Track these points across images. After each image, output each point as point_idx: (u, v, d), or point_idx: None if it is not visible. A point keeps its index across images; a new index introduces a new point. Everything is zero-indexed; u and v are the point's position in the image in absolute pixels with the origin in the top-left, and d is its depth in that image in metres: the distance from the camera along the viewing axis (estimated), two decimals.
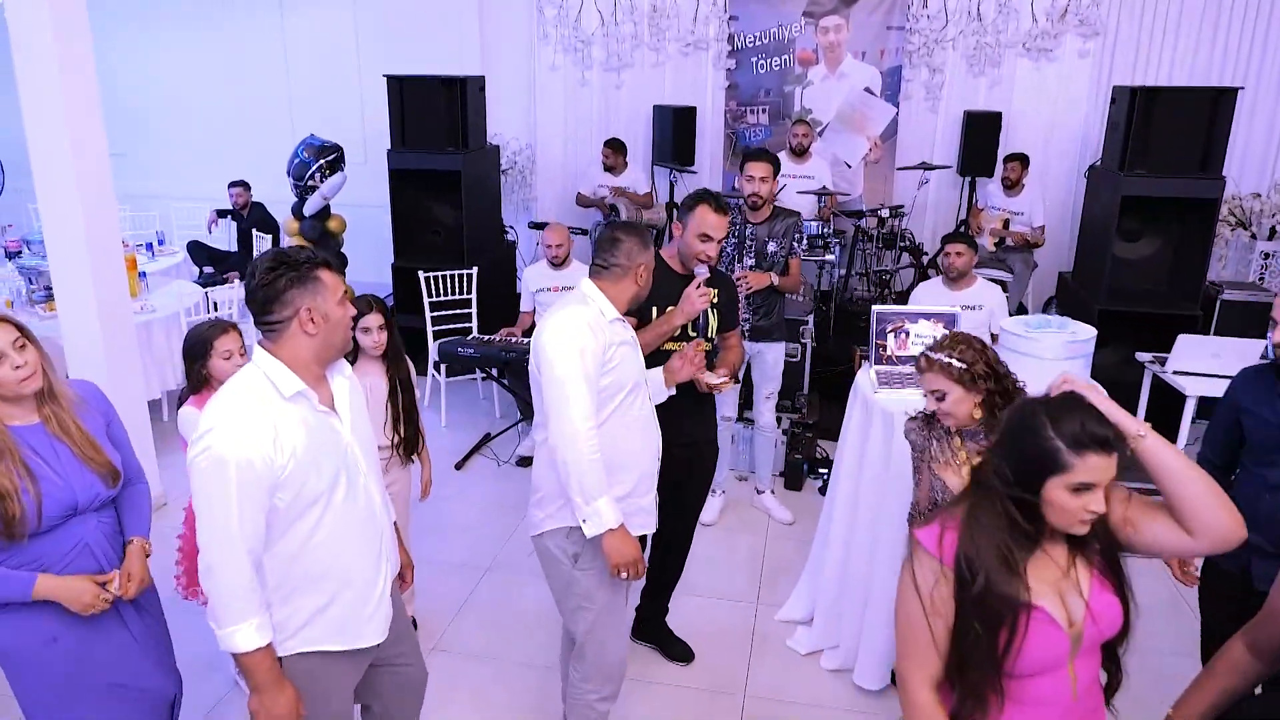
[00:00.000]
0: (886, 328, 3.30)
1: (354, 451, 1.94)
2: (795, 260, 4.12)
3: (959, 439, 2.36)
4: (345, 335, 1.90)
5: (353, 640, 1.98)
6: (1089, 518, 1.50)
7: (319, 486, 1.83)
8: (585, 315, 2.35)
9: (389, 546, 2.06)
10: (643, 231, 2.50)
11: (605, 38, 7.29)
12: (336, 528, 1.89)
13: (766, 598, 3.79)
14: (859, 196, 7.12)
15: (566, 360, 2.28)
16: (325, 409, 1.89)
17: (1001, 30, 6.72)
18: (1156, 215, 5.49)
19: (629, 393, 2.41)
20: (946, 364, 2.26)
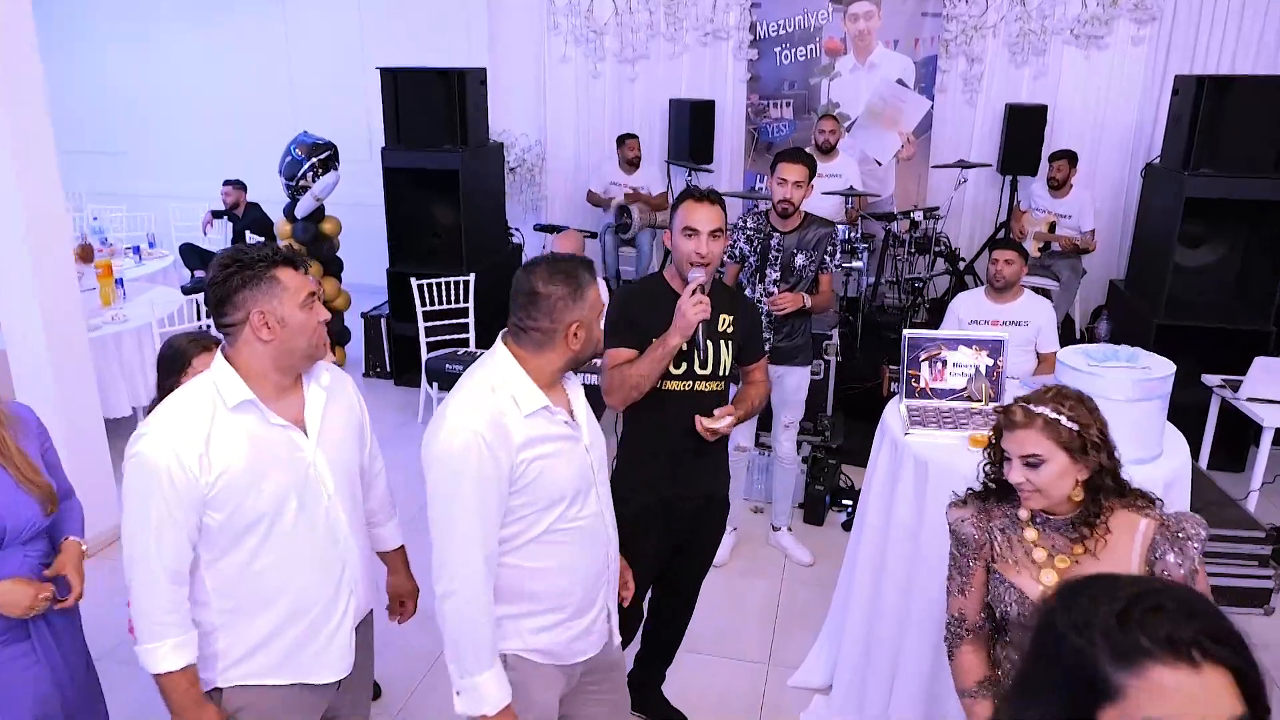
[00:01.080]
0: (920, 355, 2.83)
1: (318, 470, 1.79)
2: (827, 276, 3.66)
3: (1034, 530, 1.75)
4: (311, 341, 1.75)
5: (302, 674, 1.83)
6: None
7: (259, 508, 1.71)
8: (483, 414, 1.70)
9: (354, 576, 1.88)
10: (575, 273, 1.79)
11: (619, 27, 6.85)
12: (285, 552, 1.76)
13: (780, 656, 3.34)
14: (890, 197, 6.61)
15: (449, 485, 1.70)
16: (283, 423, 1.75)
17: (1047, 16, 6.18)
18: (1224, 219, 4.95)
19: (568, 504, 1.82)
20: (1054, 420, 1.65)
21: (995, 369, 2.78)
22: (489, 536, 1.73)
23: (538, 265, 1.81)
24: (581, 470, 1.85)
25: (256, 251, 1.70)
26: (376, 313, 6.09)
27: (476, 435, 1.68)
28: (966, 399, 2.79)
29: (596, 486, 1.90)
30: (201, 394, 1.71)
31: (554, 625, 1.87)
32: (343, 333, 6.43)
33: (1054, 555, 1.74)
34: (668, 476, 2.47)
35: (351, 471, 1.89)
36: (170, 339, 2.39)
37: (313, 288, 1.74)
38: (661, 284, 2.54)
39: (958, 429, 2.64)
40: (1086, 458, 1.65)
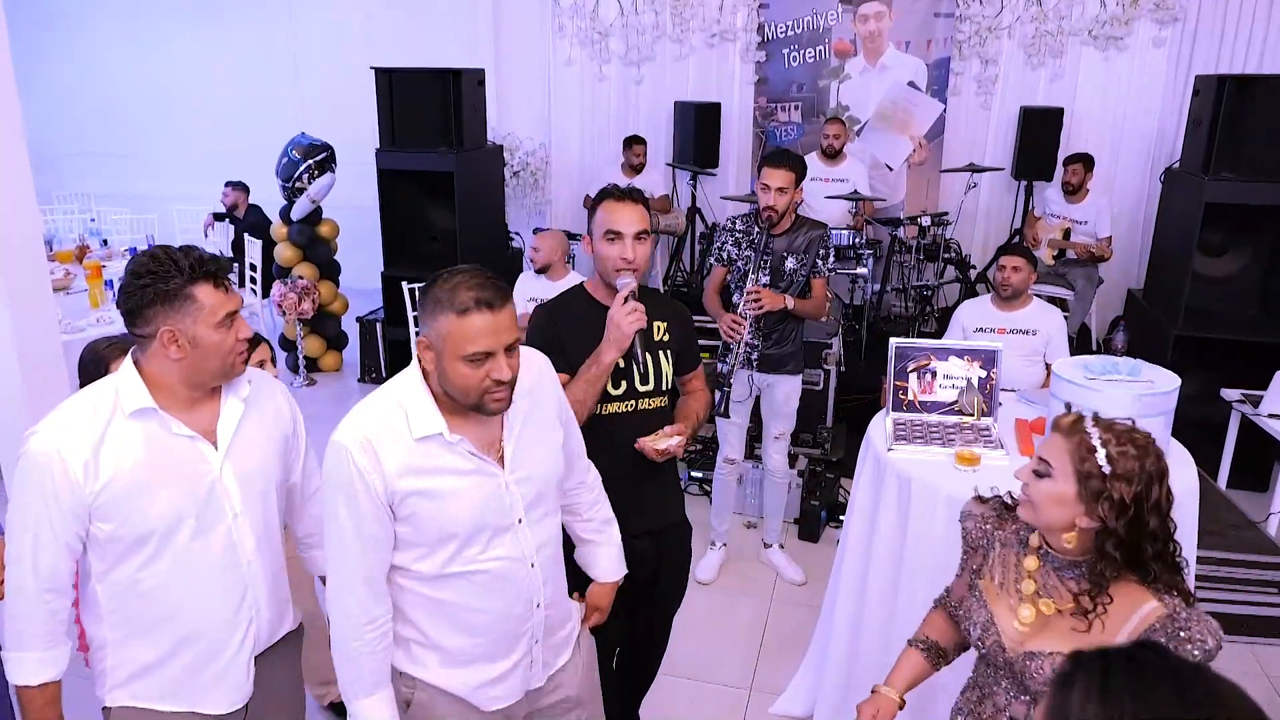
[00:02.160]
0: (908, 366, 2.66)
1: (224, 486, 1.69)
2: (819, 281, 3.47)
3: (1036, 559, 1.55)
4: (225, 361, 1.65)
5: (190, 703, 1.73)
6: None
7: (149, 522, 1.62)
8: (360, 432, 1.56)
9: (257, 602, 1.76)
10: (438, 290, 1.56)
11: (624, 29, 6.73)
12: (178, 573, 1.66)
13: (764, 681, 3.16)
14: (900, 202, 6.43)
15: (329, 501, 1.60)
16: (189, 433, 1.66)
17: (1065, 16, 5.98)
18: (1246, 226, 4.72)
19: (463, 544, 1.62)
20: (1092, 447, 1.42)
21: (988, 381, 2.60)
22: (367, 558, 1.59)
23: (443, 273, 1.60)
24: (491, 508, 1.63)
25: (174, 264, 1.58)
26: (372, 317, 6.00)
27: (346, 452, 1.54)
28: (957, 413, 2.61)
29: (519, 528, 1.68)
30: (101, 398, 1.63)
31: (458, 665, 1.70)
32: (339, 337, 6.35)
33: (1042, 596, 1.53)
34: (619, 513, 2.09)
35: (267, 489, 1.77)
36: (90, 343, 2.26)
37: (232, 306, 1.64)
38: (583, 296, 2.27)
39: (945, 445, 2.47)
40: (1095, 502, 1.42)
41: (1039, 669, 1.48)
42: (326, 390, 5.97)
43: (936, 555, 2.32)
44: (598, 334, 2.12)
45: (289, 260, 5.96)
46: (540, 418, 1.75)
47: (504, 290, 1.56)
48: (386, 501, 1.56)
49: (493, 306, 1.53)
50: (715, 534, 3.86)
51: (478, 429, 1.63)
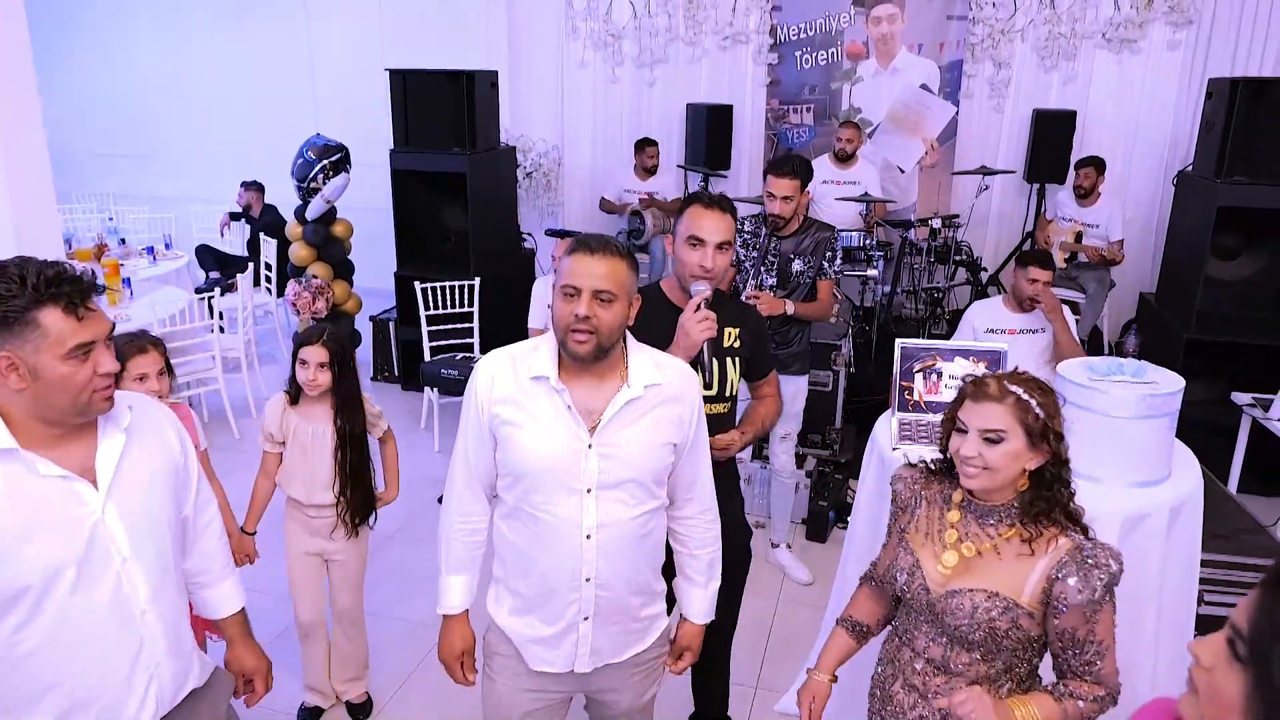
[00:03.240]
0: (914, 366, 2.67)
1: (108, 529, 1.50)
2: (825, 283, 3.49)
3: (958, 512, 1.71)
4: (75, 400, 1.44)
5: None
6: None
7: (21, 579, 1.41)
8: (503, 361, 1.81)
9: (156, 657, 1.58)
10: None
11: (637, 31, 6.76)
12: (60, 631, 1.46)
13: (769, 679, 3.19)
14: (912, 205, 6.43)
15: (465, 406, 1.86)
16: (61, 473, 1.45)
17: (1078, 19, 5.96)
18: (1260, 229, 4.70)
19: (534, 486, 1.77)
20: (1025, 401, 1.60)
21: None
22: (469, 464, 1.84)
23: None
24: (564, 463, 1.74)
25: (19, 282, 1.37)
26: (385, 317, 6.05)
27: (477, 371, 1.80)
28: None
29: (585, 497, 1.75)
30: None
31: (519, 614, 1.86)
32: (353, 337, 6.39)
33: (963, 541, 1.69)
34: None
35: (158, 528, 1.59)
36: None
37: (86, 336, 1.41)
38: (659, 295, 2.31)
39: None
40: (1042, 447, 1.62)
41: (959, 605, 1.63)
42: None
43: None
44: (668, 333, 2.15)
45: (303, 259, 6.01)
46: (656, 415, 1.79)
47: (608, 243, 1.75)
48: (488, 424, 1.78)
49: (591, 251, 1.70)
50: None
51: (584, 393, 1.75)
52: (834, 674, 1.89)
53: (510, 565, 1.85)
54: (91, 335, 1.42)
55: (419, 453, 4.74)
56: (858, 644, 1.92)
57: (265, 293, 6.49)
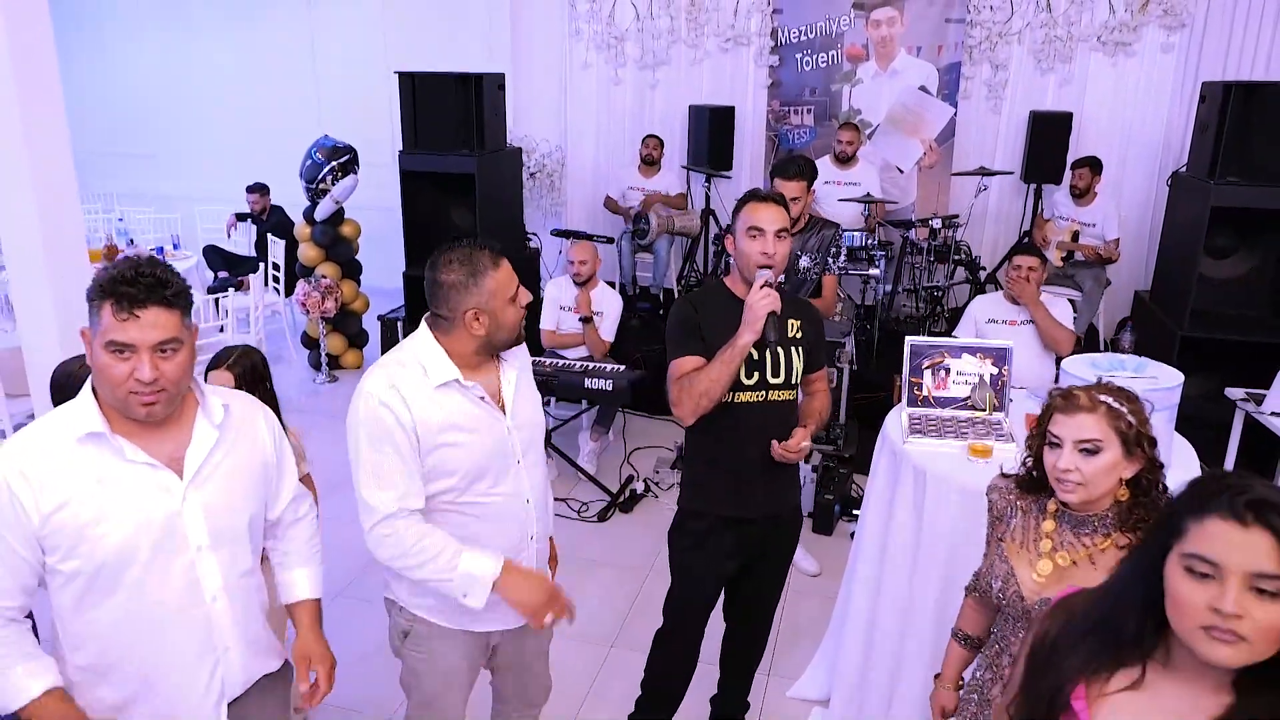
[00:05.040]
0: (923, 363, 2.77)
1: (187, 519, 1.58)
2: (830, 278, 3.60)
3: (1052, 521, 1.74)
4: (114, 392, 1.49)
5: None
6: (1214, 622, 1.02)
7: (98, 555, 1.51)
8: (383, 382, 1.81)
9: (224, 641, 1.66)
10: (472, 259, 1.83)
11: (640, 33, 6.85)
12: (130, 609, 1.55)
13: (780, 667, 3.28)
14: (911, 205, 6.53)
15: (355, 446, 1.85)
16: (147, 460, 1.54)
17: (1074, 22, 6.08)
18: (1252, 229, 4.82)
19: (474, 480, 1.90)
20: (1118, 410, 1.62)
21: (1000, 378, 2.72)
22: (406, 463, 1.82)
23: (437, 258, 1.84)
24: (498, 450, 1.90)
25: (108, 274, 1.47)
26: (393, 315, 6.13)
27: (373, 398, 1.80)
28: (969, 408, 2.73)
29: (518, 469, 1.95)
30: (55, 423, 1.54)
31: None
32: (360, 335, 6.48)
33: (1058, 550, 1.72)
34: (734, 495, 2.38)
35: (235, 523, 1.66)
36: (62, 363, 2.24)
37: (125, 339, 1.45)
38: (723, 290, 2.41)
39: (959, 438, 2.58)
40: (1137, 454, 1.63)
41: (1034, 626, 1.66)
42: (348, 387, 6.07)
43: (951, 542, 2.44)
44: (734, 324, 2.26)
45: (312, 260, 6.09)
46: (526, 378, 2.04)
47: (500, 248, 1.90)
48: (417, 449, 1.82)
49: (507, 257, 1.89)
50: None
51: (485, 379, 1.91)
52: (960, 681, 1.99)
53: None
54: (130, 339, 1.45)
55: None
56: (972, 654, 1.99)
57: (273, 293, 6.57)
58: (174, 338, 1.48)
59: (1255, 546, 1.01)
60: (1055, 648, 1.20)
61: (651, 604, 3.55)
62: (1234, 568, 1.02)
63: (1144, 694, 1.13)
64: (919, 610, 2.58)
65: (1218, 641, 1.03)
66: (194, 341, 1.56)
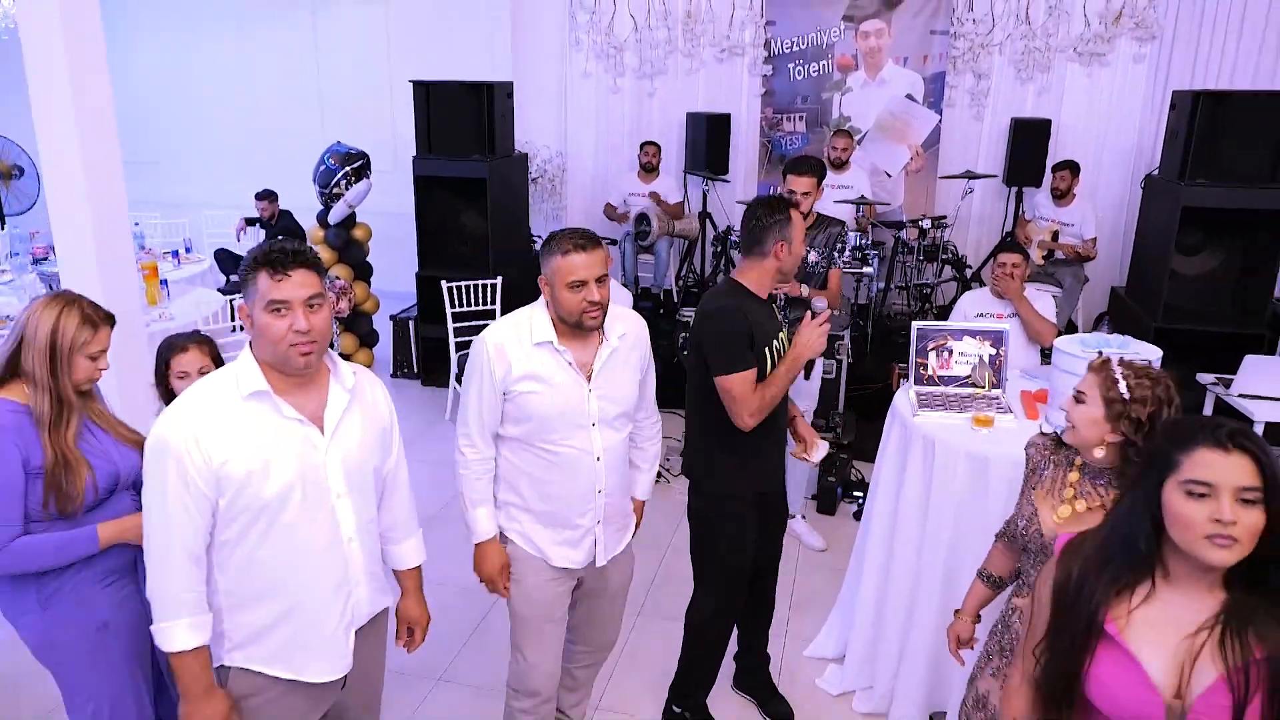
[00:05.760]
0: (928, 345, 3.06)
1: (328, 469, 1.81)
2: (835, 272, 3.89)
3: (1077, 473, 1.99)
4: (275, 348, 1.72)
5: (295, 670, 1.85)
6: (1215, 530, 1.28)
7: (262, 496, 1.73)
8: (497, 332, 2.23)
9: (356, 577, 1.90)
10: (553, 239, 2.19)
11: (638, 44, 7.13)
12: (287, 546, 1.78)
13: (796, 629, 3.55)
14: (899, 207, 6.85)
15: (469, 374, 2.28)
16: (298, 417, 1.77)
17: (1051, 34, 6.43)
18: (1219, 228, 5.17)
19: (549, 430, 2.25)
20: (1114, 379, 1.85)
21: (998, 358, 3.01)
22: (483, 411, 2.24)
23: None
24: (571, 408, 2.24)
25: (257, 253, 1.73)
26: (405, 315, 6.35)
27: (484, 343, 2.21)
28: (971, 385, 3.01)
29: (592, 431, 2.27)
30: (221, 381, 1.77)
31: (538, 523, 2.34)
32: (371, 335, 6.68)
33: (1078, 498, 1.97)
34: (765, 473, 2.74)
35: (365, 475, 1.90)
36: (167, 337, 2.46)
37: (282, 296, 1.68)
38: (745, 292, 2.60)
39: (963, 411, 2.86)
40: (1119, 424, 1.83)
41: (1040, 576, 1.86)
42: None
43: (958, 503, 2.71)
44: (771, 326, 2.60)
45: (325, 262, 6.30)
46: (626, 358, 2.34)
47: (594, 238, 2.19)
48: (500, 388, 2.22)
49: (585, 249, 2.14)
50: None
51: (578, 351, 2.24)
52: (977, 615, 2.25)
53: (525, 490, 2.32)
54: (285, 296, 1.68)
55: (442, 444, 5.05)
56: (994, 593, 2.23)
57: None
58: (319, 293, 1.72)
59: (1239, 467, 1.28)
60: (1083, 581, 1.43)
61: (672, 577, 3.84)
62: (1225, 485, 1.28)
63: (1155, 604, 1.38)
64: (928, 568, 2.85)
65: (1219, 547, 1.28)
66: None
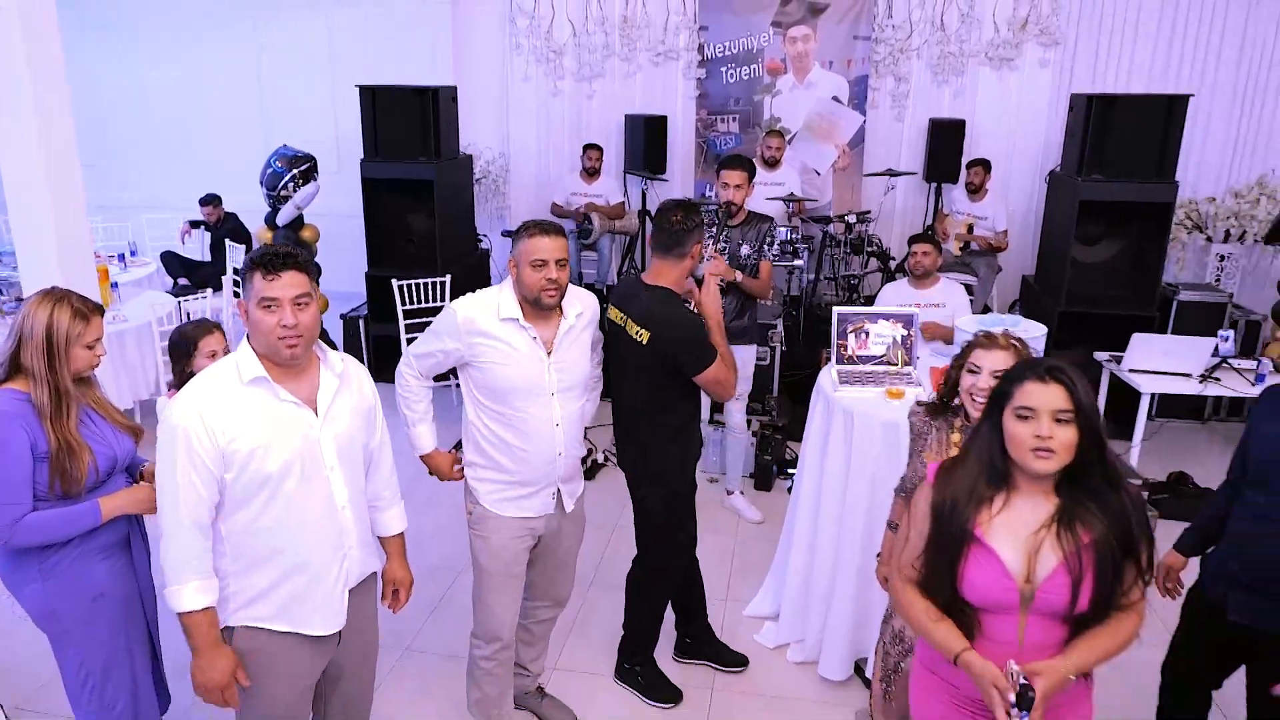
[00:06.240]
0: (848, 328, 3.39)
1: (322, 446, 2.03)
2: (765, 263, 4.20)
3: (959, 434, 2.35)
4: (266, 340, 1.93)
5: (298, 624, 2.06)
6: (1037, 444, 1.64)
7: (264, 471, 1.94)
8: (464, 307, 2.52)
9: (350, 542, 2.12)
10: (524, 225, 2.51)
11: (577, 48, 7.38)
12: (288, 513, 1.99)
13: (735, 593, 3.86)
14: (828, 203, 7.24)
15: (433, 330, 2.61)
16: (293, 400, 1.99)
17: (965, 40, 6.87)
18: (1115, 220, 5.64)
19: (511, 396, 2.53)
20: (1022, 348, 2.22)
21: (909, 338, 3.35)
22: (436, 357, 2.57)
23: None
24: (533, 379, 2.52)
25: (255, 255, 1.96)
26: (355, 314, 6.50)
27: (454, 312, 2.51)
28: (885, 363, 3.36)
29: (551, 399, 2.55)
30: (224, 369, 1.99)
31: (504, 483, 2.62)
32: (322, 334, 6.81)
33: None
34: (695, 453, 3.06)
35: (354, 451, 2.12)
36: (176, 329, 2.73)
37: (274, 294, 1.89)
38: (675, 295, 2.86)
39: (878, 385, 3.20)
40: None
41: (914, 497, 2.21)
42: None
43: (875, 468, 3.04)
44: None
45: None
46: (580, 336, 2.63)
47: (560, 229, 2.52)
48: (464, 348, 2.51)
49: (549, 234, 2.47)
50: None
51: (540, 328, 2.52)
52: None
53: (494, 454, 2.59)
54: (275, 294, 1.90)
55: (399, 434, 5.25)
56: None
57: (234, 295, 6.85)
58: (306, 293, 1.94)
59: (1054, 394, 1.64)
60: (954, 499, 1.76)
61: (619, 555, 4.12)
62: (1043, 409, 1.63)
63: (1008, 511, 1.73)
64: (848, 532, 3.17)
65: (1041, 458, 1.64)
66: (320, 301, 2.03)
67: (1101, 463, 1.67)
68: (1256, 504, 2.27)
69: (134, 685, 2.42)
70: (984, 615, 1.74)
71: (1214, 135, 6.75)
